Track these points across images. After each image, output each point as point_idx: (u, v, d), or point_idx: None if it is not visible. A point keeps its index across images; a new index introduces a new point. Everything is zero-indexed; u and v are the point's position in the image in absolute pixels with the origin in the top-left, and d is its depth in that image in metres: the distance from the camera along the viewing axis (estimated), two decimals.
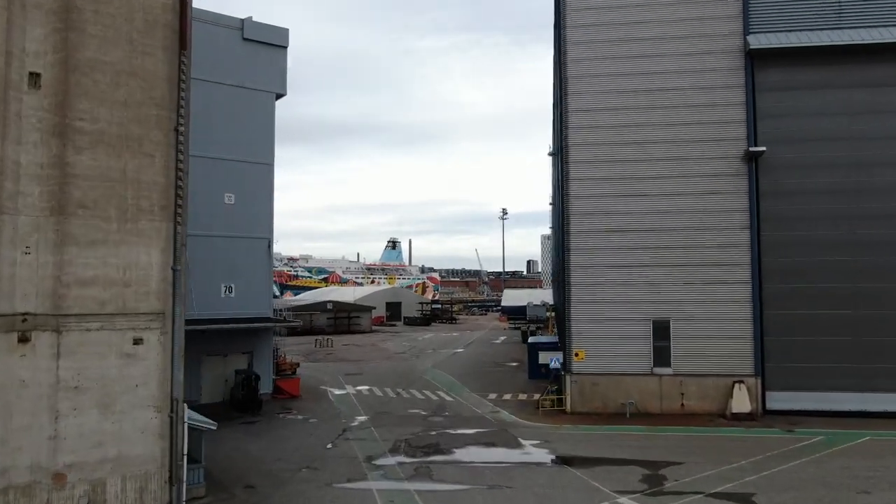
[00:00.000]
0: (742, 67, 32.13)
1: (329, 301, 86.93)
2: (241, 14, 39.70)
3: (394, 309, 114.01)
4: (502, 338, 79.68)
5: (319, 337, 74.29)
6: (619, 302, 32.19)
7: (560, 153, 38.01)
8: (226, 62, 35.39)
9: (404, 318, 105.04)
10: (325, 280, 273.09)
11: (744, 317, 31.27)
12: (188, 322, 33.73)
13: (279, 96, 37.78)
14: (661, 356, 31.72)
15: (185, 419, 16.81)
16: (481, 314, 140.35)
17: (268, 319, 35.61)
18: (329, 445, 26.54)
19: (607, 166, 32.82)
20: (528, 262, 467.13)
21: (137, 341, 15.81)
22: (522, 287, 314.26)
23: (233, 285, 34.95)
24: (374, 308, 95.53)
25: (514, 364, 52.54)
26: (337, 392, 39.36)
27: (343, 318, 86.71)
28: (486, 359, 56.96)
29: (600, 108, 33.05)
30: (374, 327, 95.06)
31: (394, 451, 25.46)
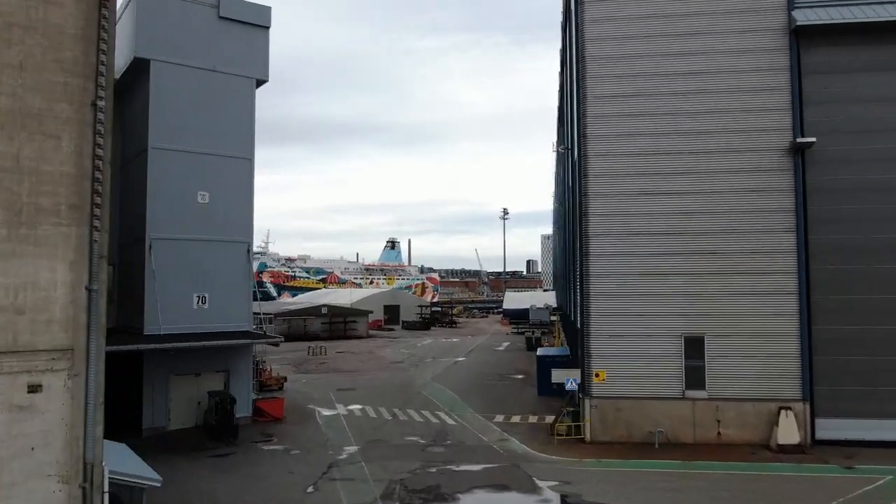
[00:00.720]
0: (786, 47, 27.92)
1: (324, 305, 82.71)
2: None
3: (392, 312, 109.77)
4: (505, 344, 75.51)
5: (313, 344, 70.08)
6: (646, 315, 28.01)
7: (576, 147, 33.86)
8: (199, 43, 31.18)
9: (403, 322, 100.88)
10: (324, 281, 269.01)
11: (789, 332, 27.08)
12: (153, 340, 29.92)
13: (260, 83, 33.56)
14: (695, 377, 27.54)
15: (106, 487, 12.62)
16: (482, 316, 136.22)
17: (246, 334, 31.39)
18: (310, 489, 22.29)
19: (631, 161, 28.63)
20: (528, 261, 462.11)
21: (34, 388, 11.67)
22: (523, 287, 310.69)
23: (206, 295, 30.73)
24: (371, 312, 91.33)
25: (521, 377, 48.36)
26: (326, 413, 35.15)
27: (339, 323, 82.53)
28: (489, 369, 52.78)
29: (623, 95, 28.86)
30: (371, 332, 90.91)
31: (387, 497, 21.25)
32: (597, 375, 28.10)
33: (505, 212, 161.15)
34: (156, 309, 28.81)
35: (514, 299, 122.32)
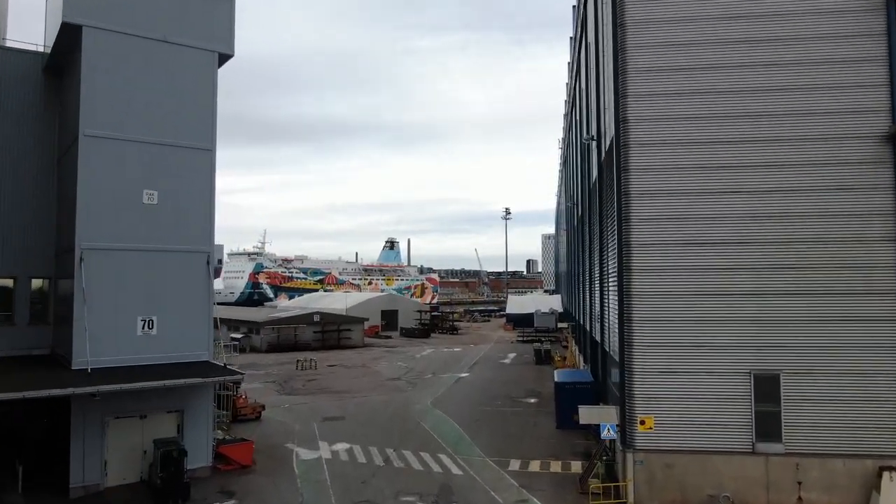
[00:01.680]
0: (882, 7, 21.96)
1: (316, 312, 76.63)
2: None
3: (390, 317, 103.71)
4: (511, 355, 69.43)
5: (303, 356, 63.99)
6: (704, 346, 21.99)
7: (606, 136, 27.83)
8: (145, 7, 25.12)
9: (401, 328, 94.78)
10: (321, 282, 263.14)
11: (892, 370, 21.11)
12: (78, 377, 23.76)
13: (224, 58, 27.48)
14: (768, 426, 21.52)
15: None
16: (484, 320, 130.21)
17: (204, 368, 25.17)
18: None
19: (686, 151, 22.59)
20: (528, 261, 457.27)
21: None
22: (523, 289, 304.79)
23: (154, 319, 24.64)
24: (367, 319, 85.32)
25: (533, 401, 42.31)
26: (306, 456, 29.09)
27: (332, 332, 76.45)
28: (496, 389, 46.73)
29: (675, 68, 22.81)
30: (367, 339, 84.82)
31: None
32: (642, 422, 22.07)
33: (507, 211, 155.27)
34: (84, 336, 22.73)
35: (517, 303, 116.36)
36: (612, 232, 26.49)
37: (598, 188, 31.84)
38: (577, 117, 51.46)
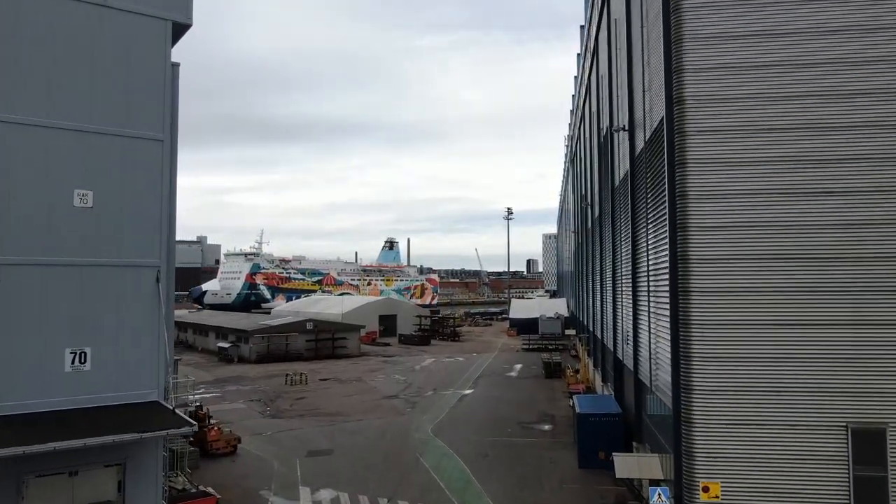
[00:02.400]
0: None
1: (309, 320, 71.63)
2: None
3: (388, 323, 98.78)
4: (518, 366, 64.45)
5: (293, 370, 59.03)
6: (785, 392, 17.02)
7: (644, 127, 22.83)
8: None
9: (399, 335, 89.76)
10: (319, 282, 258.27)
11: None
12: None
13: (181, 29, 22.49)
14: (871, 496, 16.59)
15: None
16: (486, 324, 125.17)
17: (151, 413, 20.16)
18: None
19: (760, 140, 17.62)
20: (528, 261, 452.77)
21: None
22: (524, 289, 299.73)
23: (87, 351, 19.65)
24: (364, 326, 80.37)
25: (547, 427, 37.31)
26: None
27: (326, 341, 71.46)
28: (504, 411, 41.74)
29: (744, 32, 17.85)
30: (364, 347, 79.85)
31: None
32: (705, 490, 17.09)
33: (509, 211, 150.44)
34: None
35: (521, 307, 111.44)
36: (654, 238, 21.54)
37: (629, 186, 26.85)
38: (593, 108, 46.46)
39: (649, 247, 22.30)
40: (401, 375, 58.73)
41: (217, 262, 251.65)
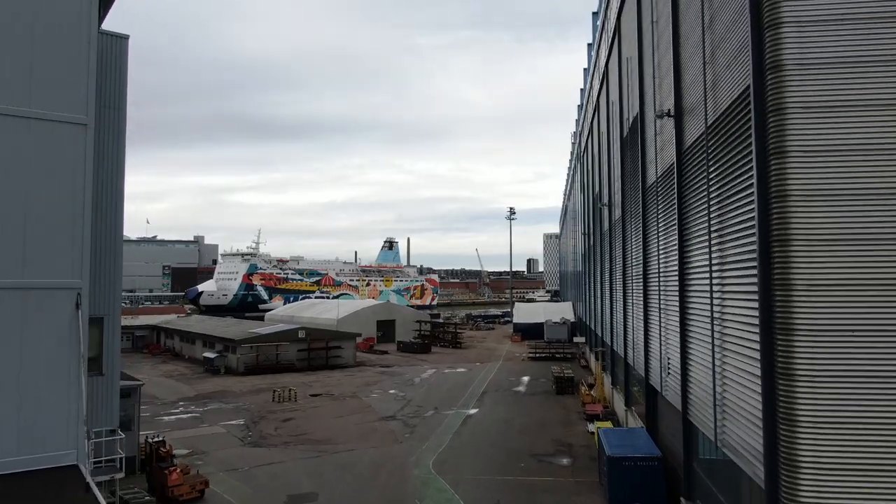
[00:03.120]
0: None
1: (301, 328, 66.64)
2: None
3: (386, 328, 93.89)
4: (525, 379, 59.53)
5: (282, 384, 54.20)
6: None
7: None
8: None
9: (398, 342, 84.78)
10: (318, 283, 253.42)
11: None
12: None
13: None
14: None
15: None
16: (489, 328, 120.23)
17: (62, 489, 15.25)
18: None
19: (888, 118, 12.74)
20: (529, 261, 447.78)
21: None
22: (525, 289, 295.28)
23: None
24: (360, 335, 75.45)
25: (566, 461, 32.33)
26: None
27: (319, 350, 66.52)
28: (515, 439, 36.78)
29: None
30: (360, 355, 75.01)
31: None
32: None
33: (511, 211, 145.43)
34: None
35: (525, 311, 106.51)
36: (721, 244, 16.64)
37: (674, 182, 21.89)
38: (613, 97, 41.51)
39: (713, 258, 17.37)
40: (399, 390, 53.82)
41: (214, 262, 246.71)
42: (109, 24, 21.54)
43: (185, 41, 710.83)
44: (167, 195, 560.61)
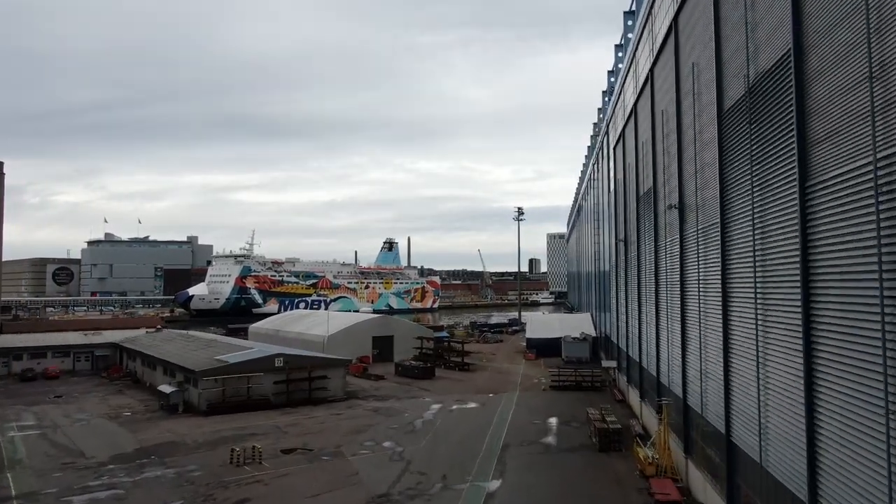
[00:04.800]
0: None
1: (278, 355, 54.44)
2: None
3: (383, 346, 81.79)
4: (553, 422, 47.40)
5: (248, 438, 42.18)
6: None
7: None
8: None
9: (396, 364, 72.34)
10: (315, 286, 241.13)
11: None
12: None
13: None
14: None
15: None
16: (497, 340, 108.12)
17: None
18: None
19: None
20: (531, 261, 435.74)
21: None
22: (528, 290, 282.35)
23: None
24: (351, 361, 63.38)
25: None
26: None
27: (300, 381, 54.42)
28: None
29: None
30: (352, 380, 63.06)
31: None
32: None
33: (519, 212, 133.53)
34: None
35: (539, 325, 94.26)
36: None
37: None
38: (705, 61, 29.63)
39: None
40: (396, 443, 41.69)
41: (209, 263, 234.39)
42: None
43: (188, 40, 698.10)
44: (168, 194, 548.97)
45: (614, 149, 61.83)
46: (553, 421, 47.74)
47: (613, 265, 63.09)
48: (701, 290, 28.55)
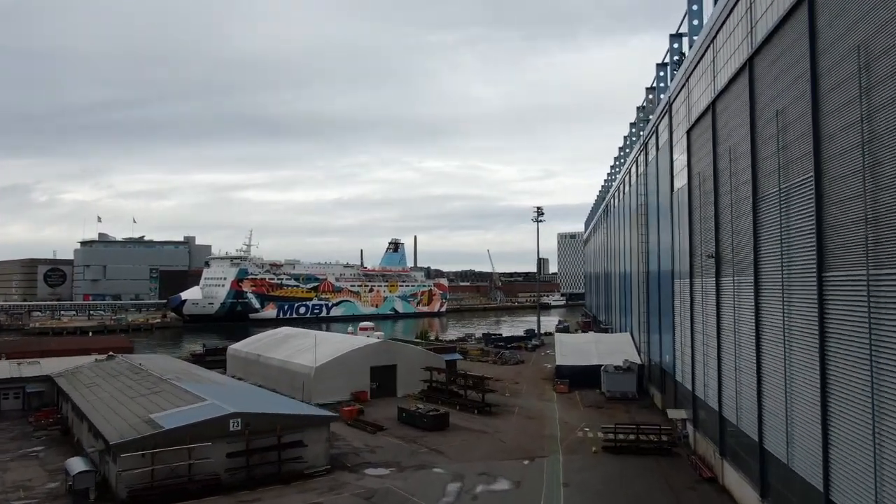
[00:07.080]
0: None
1: (234, 414, 38.60)
2: None
3: (384, 377, 66.01)
4: None
5: None
6: None
7: None
8: None
9: (400, 410, 56.04)
10: (315, 289, 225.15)
11: None
12: None
13: None
14: None
15: None
16: (518, 361, 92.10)
17: None
18: None
19: None
20: (541, 260, 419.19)
21: None
22: (540, 292, 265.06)
23: None
24: (336, 417, 47.50)
25: None
26: None
27: (265, 451, 38.75)
28: None
29: None
30: (341, 434, 47.50)
31: None
32: None
33: (539, 212, 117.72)
34: None
35: (571, 349, 77.62)
36: None
37: None
38: None
39: None
40: None
41: (207, 264, 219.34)
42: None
43: (191, 40, 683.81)
44: (175, 193, 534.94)
45: (689, 132, 45.79)
46: None
47: (686, 280, 46.99)
48: None
